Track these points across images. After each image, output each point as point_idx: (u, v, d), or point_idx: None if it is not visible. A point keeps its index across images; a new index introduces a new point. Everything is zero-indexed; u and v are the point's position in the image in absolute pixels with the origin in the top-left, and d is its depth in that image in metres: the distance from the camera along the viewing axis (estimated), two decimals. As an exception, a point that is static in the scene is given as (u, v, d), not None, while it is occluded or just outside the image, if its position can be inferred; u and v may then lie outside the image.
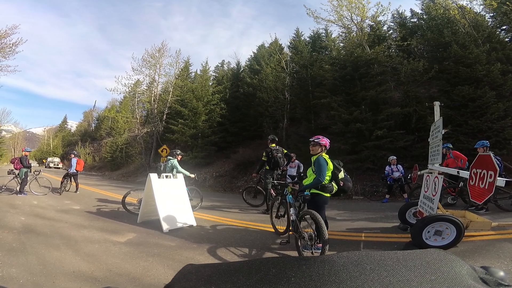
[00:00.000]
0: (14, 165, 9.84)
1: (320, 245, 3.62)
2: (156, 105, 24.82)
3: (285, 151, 7.76)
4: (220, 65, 33.31)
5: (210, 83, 24.05)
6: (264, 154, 7.53)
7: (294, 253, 4.01)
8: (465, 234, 3.88)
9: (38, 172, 10.58)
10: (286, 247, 4.37)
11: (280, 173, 7.62)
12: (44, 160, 43.86)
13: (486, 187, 3.10)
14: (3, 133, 50.43)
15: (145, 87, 27.15)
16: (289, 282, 0.48)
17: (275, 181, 6.61)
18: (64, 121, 72.00)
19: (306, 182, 4.22)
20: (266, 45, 25.25)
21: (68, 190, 10.92)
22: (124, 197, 7.02)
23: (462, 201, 7.29)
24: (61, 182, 10.74)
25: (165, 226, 5.32)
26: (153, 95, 25.24)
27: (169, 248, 4.37)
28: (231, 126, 21.12)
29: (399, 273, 0.48)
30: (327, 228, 3.69)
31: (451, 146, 8.04)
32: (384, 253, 0.53)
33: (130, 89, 26.01)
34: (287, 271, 0.51)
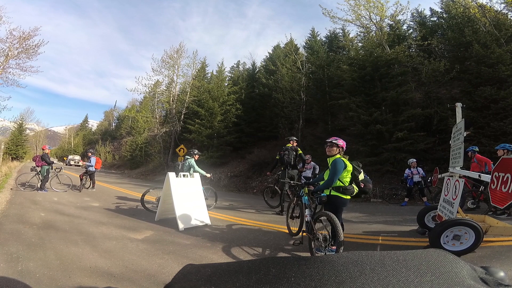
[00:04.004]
0: (36, 163, 10.22)
1: (334, 247, 3.58)
2: (174, 105, 25.27)
3: (300, 151, 7.74)
4: (235, 65, 33.63)
5: (226, 84, 24.25)
6: (277, 153, 7.71)
7: (307, 254, 3.98)
8: (484, 239, 3.76)
9: (59, 169, 10.96)
10: (299, 248, 4.35)
11: (296, 173, 7.63)
12: (65, 158, 45.37)
13: (510, 191, 2.98)
14: (27, 131, 52.62)
15: (164, 88, 27.74)
16: (289, 282, 0.48)
17: (291, 182, 6.60)
18: (85, 120, 74.32)
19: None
20: (282, 45, 25.25)
21: (88, 188, 11.26)
22: (143, 195, 7.16)
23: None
24: (80, 179, 11.09)
25: (181, 225, 5.40)
26: (171, 95, 25.73)
27: (184, 246, 4.43)
28: (247, 127, 21.24)
29: (399, 273, 0.47)
30: (343, 230, 3.65)
31: (477, 149, 7.73)
32: (384, 253, 0.53)
33: (150, 89, 26.65)
34: (287, 271, 0.51)
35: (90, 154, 11.50)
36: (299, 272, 0.50)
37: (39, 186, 9.87)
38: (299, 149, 7.77)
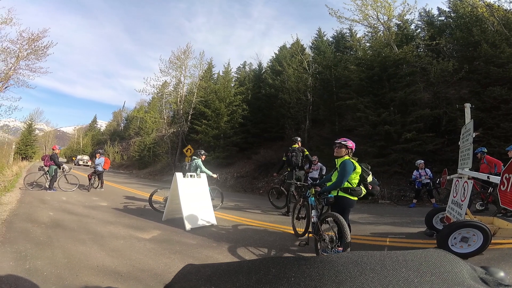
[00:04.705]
0: (44, 162, 10.29)
1: (341, 248, 3.56)
2: (182, 106, 25.40)
3: (307, 152, 7.72)
4: (242, 66, 33.67)
5: (232, 84, 24.32)
6: (284, 154, 7.68)
7: (313, 256, 3.96)
8: (493, 241, 3.70)
9: (69, 170, 11.06)
10: (305, 249, 4.34)
11: (303, 174, 7.61)
12: (73, 158, 46.01)
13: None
14: (36, 131, 53.50)
15: (172, 88, 27.88)
16: (289, 282, 0.48)
17: (298, 183, 6.59)
18: (94, 121, 75.11)
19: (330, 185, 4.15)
20: (288, 45, 25.12)
21: (96, 188, 11.37)
22: (151, 195, 7.21)
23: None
24: (89, 179, 11.20)
25: (188, 225, 5.44)
26: (179, 96, 25.86)
27: (191, 246, 4.45)
28: (253, 127, 21.22)
29: (399, 273, 0.47)
30: (350, 231, 3.63)
31: (485, 150, 7.65)
32: (384, 253, 0.53)
33: (158, 90, 26.81)
34: (287, 271, 0.51)
35: (98, 154, 11.59)
36: (299, 272, 0.50)
37: (47, 186, 9.98)
38: (305, 150, 7.76)
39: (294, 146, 7.60)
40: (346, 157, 4.01)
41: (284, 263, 0.55)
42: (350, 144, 4.05)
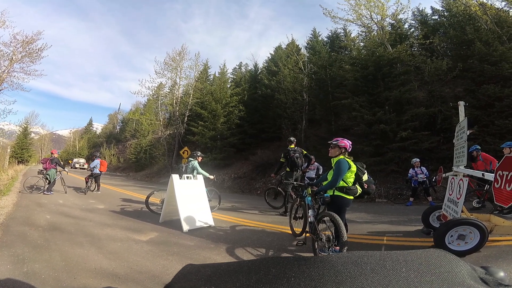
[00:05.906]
0: (46, 165, 10.19)
1: (338, 248, 3.57)
2: (178, 108, 25.32)
3: (305, 152, 7.73)
4: (237, 67, 33.58)
5: (228, 85, 24.27)
6: (282, 155, 7.59)
7: (310, 255, 3.98)
8: (490, 238, 3.72)
9: (66, 172, 11.01)
10: (302, 248, 4.35)
11: (300, 174, 7.60)
12: (70, 161, 45.80)
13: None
14: (32, 135, 53.15)
15: (168, 90, 27.77)
16: (289, 282, 0.48)
17: (295, 183, 6.59)
18: (90, 124, 74.74)
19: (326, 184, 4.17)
20: (283, 46, 25.11)
21: (93, 191, 11.31)
22: (148, 197, 7.20)
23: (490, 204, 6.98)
24: (86, 182, 11.14)
25: (185, 226, 5.42)
26: (175, 97, 25.78)
27: (188, 248, 4.44)
28: (250, 128, 21.20)
29: (399, 273, 0.47)
30: (347, 231, 3.63)
31: (479, 147, 7.72)
32: (384, 253, 0.53)
33: (153, 92, 26.69)
34: (287, 271, 0.51)
35: (94, 157, 11.55)
36: (299, 272, 0.50)
37: (45, 189, 9.93)
38: (302, 149, 7.77)
39: (291, 146, 7.57)
40: (341, 156, 4.03)
41: (284, 263, 0.55)
42: (343, 143, 4.06)
